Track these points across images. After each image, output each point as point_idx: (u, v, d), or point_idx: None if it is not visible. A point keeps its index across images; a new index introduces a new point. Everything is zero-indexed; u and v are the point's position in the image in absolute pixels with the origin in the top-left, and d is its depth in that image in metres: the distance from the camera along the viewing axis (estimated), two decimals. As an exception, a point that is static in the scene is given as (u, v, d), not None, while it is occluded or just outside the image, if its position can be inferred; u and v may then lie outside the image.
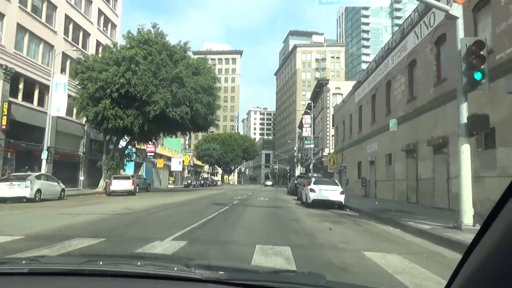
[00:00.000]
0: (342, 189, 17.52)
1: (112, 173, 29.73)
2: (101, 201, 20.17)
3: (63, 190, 20.99)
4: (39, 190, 18.35)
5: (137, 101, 27.53)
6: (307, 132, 48.08)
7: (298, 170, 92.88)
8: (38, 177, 18.92)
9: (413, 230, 9.86)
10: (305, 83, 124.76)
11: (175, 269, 1.62)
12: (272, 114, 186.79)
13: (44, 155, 23.84)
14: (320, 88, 58.18)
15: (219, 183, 79.65)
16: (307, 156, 76.12)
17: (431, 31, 18.60)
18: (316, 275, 1.72)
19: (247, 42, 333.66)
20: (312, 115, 50.27)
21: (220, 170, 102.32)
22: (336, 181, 19.36)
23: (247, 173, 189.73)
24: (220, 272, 1.51)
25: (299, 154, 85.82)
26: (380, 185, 26.07)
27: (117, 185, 25.41)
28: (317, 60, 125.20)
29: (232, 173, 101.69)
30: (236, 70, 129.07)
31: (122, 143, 34.03)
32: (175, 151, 65.95)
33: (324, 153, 53.71)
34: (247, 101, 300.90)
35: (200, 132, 39.68)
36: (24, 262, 1.74)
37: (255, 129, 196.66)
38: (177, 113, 27.25)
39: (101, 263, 1.75)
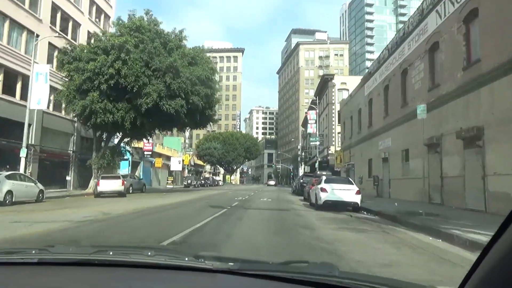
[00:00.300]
0: (357, 189, 15.12)
1: (103, 172, 27.47)
2: (84, 203, 17.86)
3: (41, 191, 18.68)
4: (10, 192, 16.03)
5: (128, 94, 25.19)
6: (312, 128, 45.55)
7: (302, 170, 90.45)
8: (9, 177, 16.59)
9: (463, 242, 7.47)
10: (308, 81, 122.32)
11: (186, 259, 1.64)
12: (274, 113, 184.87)
13: (23, 153, 21.53)
14: (324, 83, 55.76)
15: (220, 183, 77.37)
16: (311, 155, 73.66)
17: (458, 8, 16.18)
18: (328, 265, 1.70)
19: (248, 42, 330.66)
20: (317, 111, 47.77)
21: (222, 170, 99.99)
22: (350, 179, 16.95)
23: (249, 173, 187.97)
24: (230, 263, 1.47)
25: (303, 153, 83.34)
26: (395, 184, 23.65)
27: (105, 185, 23.06)
28: (320, 57, 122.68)
29: (234, 173, 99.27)
30: (238, 68, 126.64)
31: (115, 141, 31.77)
32: (175, 150, 63.67)
33: (330, 151, 51.30)
34: (249, 100, 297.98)
35: (198, 129, 37.12)
36: (33, 252, 1.71)
37: (257, 128, 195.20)
38: (172, 106, 24.87)
39: (111, 253, 1.76)
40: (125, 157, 36.28)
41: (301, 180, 31.45)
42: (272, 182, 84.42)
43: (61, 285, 1.32)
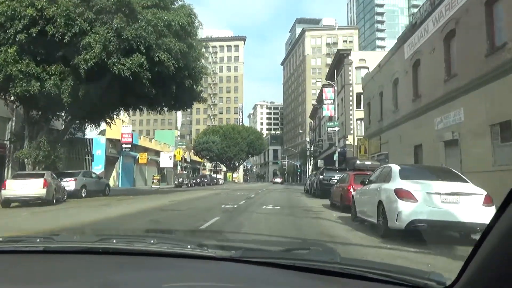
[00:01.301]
0: (485, 193, 6.53)
1: (43, 169, 19.11)
2: None
3: None
4: None
5: (61, 49, 16.73)
6: (329, 110, 36.35)
7: (310, 166, 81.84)
8: None
9: None
10: (315, 70, 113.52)
11: (189, 247, 1.66)
12: (279, 108, 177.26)
13: None
14: (339, 61, 46.91)
15: (221, 181, 68.97)
16: (322, 148, 65.07)
17: None
18: (330, 252, 1.72)
19: (251, 40, 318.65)
20: (335, 88, 38.81)
21: (224, 167, 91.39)
22: (456, 172, 8.33)
23: (254, 170, 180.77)
24: (233, 251, 1.48)
25: (312, 147, 74.65)
26: (475, 179, 14.95)
27: (16, 188, 14.55)
28: (328, 44, 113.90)
29: (237, 171, 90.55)
30: (239, 58, 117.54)
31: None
32: (166, 145, 55.26)
33: (348, 142, 42.64)
34: (252, 96, 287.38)
35: (181, 110, 28.55)
36: (38, 240, 1.75)
37: (261, 124, 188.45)
38: (126, 66, 16.31)
39: (114, 241, 1.79)
40: (93, 151, 27.95)
41: (321, 177, 22.86)
42: (278, 180, 76.34)
43: (66, 272, 1.33)
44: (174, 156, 50.82)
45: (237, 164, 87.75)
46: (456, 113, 16.57)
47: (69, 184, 19.53)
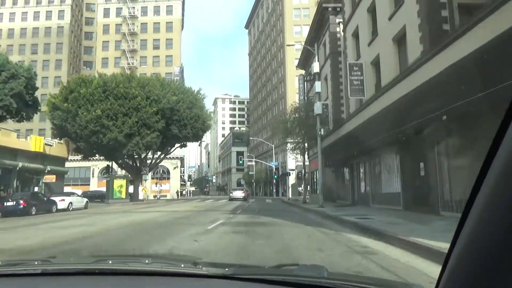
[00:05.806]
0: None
1: None
2: None
3: None
4: None
5: None
6: None
7: (303, 161, 37.69)
8: None
9: None
10: (299, 12, 69.72)
11: (182, 266, 1.73)
12: (245, 103, 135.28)
13: None
14: None
15: (65, 203, 22.67)
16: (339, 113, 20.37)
17: None
18: (318, 268, 1.73)
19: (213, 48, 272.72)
20: None
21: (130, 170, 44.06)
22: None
23: (214, 181, 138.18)
24: (226, 269, 1.48)
25: (323, 110, 29.32)
26: None
27: None
28: (319, -30, 70.04)
29: (151, 173, 43.59)
30: (176, -5, 71.99)
31: None
32: None
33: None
34: (214, 89, 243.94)
35: None
36: (36, 263, 1.77)
37: (223, 122, 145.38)
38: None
39: (110, 262, 1.81)
40: None
41: None
42: (239, 194, 33.18)
43: None
44: None
45: (148, 161, 40.70)
46: None
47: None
